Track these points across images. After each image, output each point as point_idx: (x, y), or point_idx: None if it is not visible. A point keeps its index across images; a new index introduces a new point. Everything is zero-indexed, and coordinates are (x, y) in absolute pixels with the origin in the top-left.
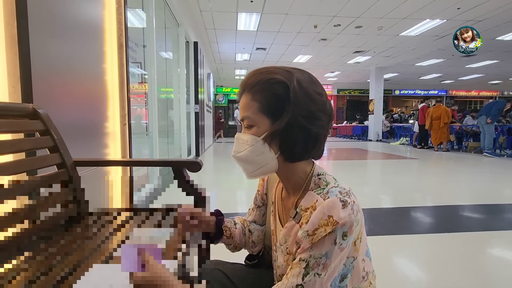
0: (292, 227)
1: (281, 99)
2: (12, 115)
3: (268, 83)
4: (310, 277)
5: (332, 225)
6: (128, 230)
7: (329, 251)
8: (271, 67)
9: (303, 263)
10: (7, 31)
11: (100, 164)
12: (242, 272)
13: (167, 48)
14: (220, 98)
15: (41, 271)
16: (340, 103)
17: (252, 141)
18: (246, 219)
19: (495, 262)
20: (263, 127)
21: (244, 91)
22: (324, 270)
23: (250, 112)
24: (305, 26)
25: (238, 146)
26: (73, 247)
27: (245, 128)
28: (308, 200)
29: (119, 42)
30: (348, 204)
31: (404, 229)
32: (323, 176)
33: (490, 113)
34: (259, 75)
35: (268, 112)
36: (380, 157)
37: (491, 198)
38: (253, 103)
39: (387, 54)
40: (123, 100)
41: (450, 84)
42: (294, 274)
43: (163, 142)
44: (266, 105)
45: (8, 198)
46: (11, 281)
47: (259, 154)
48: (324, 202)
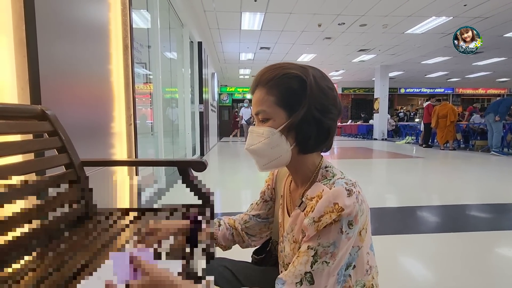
0: (297, 215)
1: (297, 92)
2: (21, 117)
3: (285, 77)
4: (319, 265)
5: (338, 212)
6: (135, 229)
7: (337, 240)
8: (285, 63)
9: (311, 251)
10: (16, 34)
11: (107, 164)
12: (248, 269)
13: (171, 49)
14: (225, 97)
15: (50, 270)
16: (345, 102)
17: (268, 133)
18: (247, 213)
19: (502, 262)
20: (280, 120)
21: (258, 86)
22: (332, 258)
23: (265, 105)
24: (309, 25)
25: (253, 139)
26: (82, 246)
27: (259, 122)
28: (314, 190)
29: (125, 43)
30: (353, 193)
31: (410, 229)
32: (330, 169)
33: (498, 111)
34: (274, 70)
35: (285, 105)
36: (386, 156)
37: (498, 198)
38: (268, 97)
39: (392, 52)
40: (129, 100)
41: (456, 82)
42: (302, 262)
43: (168, 142)
44: (282, 98)
45: (18, 198)
46: (19, 281)
47: (274, 147)
48: (330, 191)
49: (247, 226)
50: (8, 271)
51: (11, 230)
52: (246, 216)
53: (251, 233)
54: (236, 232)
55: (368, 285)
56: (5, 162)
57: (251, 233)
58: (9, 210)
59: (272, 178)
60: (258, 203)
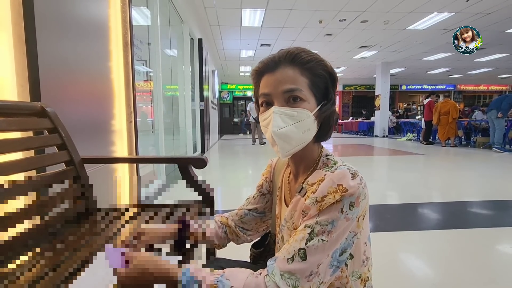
0: (297, 201)
1: (328, 85)
2: (21, 114)
3: (321, 65)
4: (314, 242)
5: (342, 192)
6: (136, 225)
7: (336, 219)
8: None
9: (308, 229)
10: (15, 31)
11: (107, 161)
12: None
13: (172, 46)
14: (225, 95)
15: (52, 266)
16: (346, 99)
17: (303, 115)
18: (243, 207)
19: (503, 258)
20: (312, 104)
21: (287, 63)
22: (328, 236)
23: (301, 85)
24: (310, 22)
25: (280, 120)
26: (82, 243)
27: (287, 102)
28: (315, 177)
29: (124, 40)
30: (357, 176)
31: (411, 225)
32: (331, 157)
33: (501, 108)
34: (310, 54)
35: (316, 92)
36: (387, 153)
37: (500, 194)
38: (302, 78)
39: (394, 48)
40: (129, 98)
41: (458, 79)
42: (297, 239)
43: (168, 139)
44: (315, 84)
45: (18, 195)
46: (19, 277)
47: (305, 131)
48: (334, 173)
49: (243, 221)
50: (9, 267)
51: (11, 227)
52: (241, 211)
53: (247, 227)
54: (229, 230)
55: (363, 277)
56: (5, 159)
57: (247, 228)
58: (9, 207)
59: (270, 170)
60: (255, 196)
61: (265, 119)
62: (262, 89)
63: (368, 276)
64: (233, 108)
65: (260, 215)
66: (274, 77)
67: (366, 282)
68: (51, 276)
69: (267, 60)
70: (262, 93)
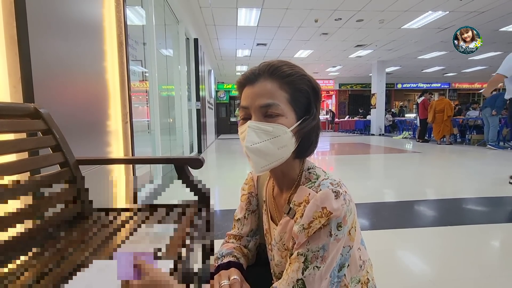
0: (286, 223)
1: (310, 99)
2: (14, 115)
3: (303, 79)
4: (310, 271)
5: (326, 216)
6: (132, 227)
7: (326, 243)
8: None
9: (301, 257)
10: (7, 31)
11: (103, 162)
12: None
13: (167, 46)
14: (222, 94)
15: (47, 269)
16: (342, 98)
17: (279, 131)
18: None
19: (499, 254)
20: (291, 119)
21: (266, 77)
22: (322, 262)
23: (278, 100)
24: (305, 21)
25: (255, 136)
26: (78, 245)
27: (263, 116)
28: (300, 195)
29: (119, 40)
30: (341, 195)
31: (407, 223)
32: (313, 170)
33: (495, 105)
34: (292, 67)
35: (296, 106)
36: (383, 151)
37: (495, 191)
38: (281, 92)
39: (389, 47)
40: (124, 98)
41: (453, 77)
42: (294, 269)
43: (165, 139)
44: (295, 99)
45: (12, 198)
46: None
47: (282, 147)
48: (317, 195)
49: (249, 249)
50: (4, 270)
51: (4, 230)
52: (243, 240)
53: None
54: (246, 259)
55: (363, 280)
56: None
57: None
58: (3, 210)
59: (252, 184)
60: (246, 217)
61: (242, 133)
62: (242, 102)
63: (369, 278)
64: (230, 108)
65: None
66: (252, 90)
67: (368, 283)
68: (46, 280)
69: (249, 73)
70: (241, 106)
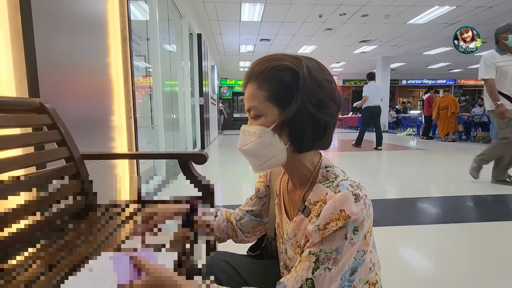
0: (301, 221)
1: (290, 86)
2: (20, 110)
3: (276, 70)
4: (320, 272)
5: (344, 219)
6: (137, 221)
7: (340, 246)
8: (278, 54)
9: (312, 257)
10: (12, 26)
11: (107, 157)
12: (249, 263)
13: (170, 41)
14: (225, 90)
15: (52, 262)
16: (346, 94)
17: (260, 132)
18: (242, 208)
19: (503, 252)
20: (272, 116)
21: (250, 80)
22: (334, 264)
23: (256, 101)
24: (309, 16)
25: (244, 138)
26: (83, 239)
27: (251, 119)
28: (316, 194)
29: (123, 35)
30: (361, 198)
31: (411, 220)
32: (331, 169)
33: None
34: (265, 63)
35: (277, 101)
36: (387, 148)
37: (500, 188)
38: (259, 92)
39: (394, 43)
40: (128, 93)
41: (459, 73)
42: (304, 268)
43: (168, 135)
44: (274, 93)
45: (19, 192)
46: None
47: (267, 146)
48: (336, 196)
49: (241, 222)
50: (9, 264)
51: (10, 224)
52: (240, 212)
53: (245, 229)
54: (231, 226)
55: (371, 281)
56: (4, 155)
57: (244, 230)
58: (9, 204)
59: (266, 174)
60: (252, 198)
61: None
62: None
63: (377, 279)
64: (233, 104)
65: (257, 219)
66: (245, 95)
67: (375, 285)
68: (51, 274)
69: (244, 77)
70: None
